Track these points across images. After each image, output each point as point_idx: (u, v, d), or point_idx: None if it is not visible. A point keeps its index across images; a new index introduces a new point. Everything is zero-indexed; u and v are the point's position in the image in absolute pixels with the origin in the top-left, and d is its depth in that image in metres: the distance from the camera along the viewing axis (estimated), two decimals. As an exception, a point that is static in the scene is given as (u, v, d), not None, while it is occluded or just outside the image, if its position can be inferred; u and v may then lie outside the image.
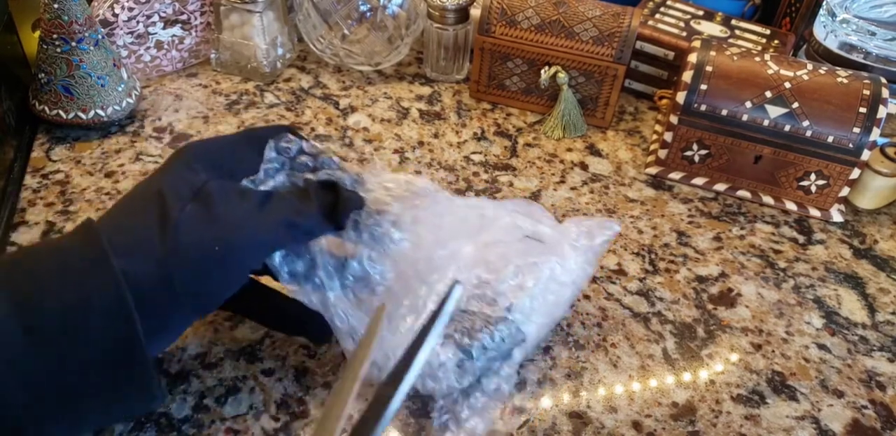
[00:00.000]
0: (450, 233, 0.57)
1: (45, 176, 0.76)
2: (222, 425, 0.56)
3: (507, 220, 0.59)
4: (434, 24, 0.89)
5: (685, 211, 0.79)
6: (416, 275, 0.55)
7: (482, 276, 0.57)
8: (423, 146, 0.84)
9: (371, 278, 0.54)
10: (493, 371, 0.58)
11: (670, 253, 0.74)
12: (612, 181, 0.82)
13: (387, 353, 0.54)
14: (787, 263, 0.74)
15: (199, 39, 0.92)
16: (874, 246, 0.77)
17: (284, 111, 0.87)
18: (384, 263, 0.55)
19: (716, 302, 0.69)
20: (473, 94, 0.92)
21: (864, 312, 0.70)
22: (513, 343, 0.58)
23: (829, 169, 0.77)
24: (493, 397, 0.57)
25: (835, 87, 0.76)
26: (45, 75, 0.76)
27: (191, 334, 0.62)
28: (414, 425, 0.57)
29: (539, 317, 0.59)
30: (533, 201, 0.64)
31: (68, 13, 0.73)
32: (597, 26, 0.83)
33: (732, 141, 0.79)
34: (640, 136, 0.89)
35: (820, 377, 0.63)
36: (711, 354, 0.64)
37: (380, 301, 0.55)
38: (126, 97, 0.81)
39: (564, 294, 0.60)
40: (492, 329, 0.56)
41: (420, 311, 0.54)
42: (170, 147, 0.81)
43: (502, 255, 0.58)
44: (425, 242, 0.56)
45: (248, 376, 0.59)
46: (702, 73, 0.77)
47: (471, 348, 0.56)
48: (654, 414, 0.59)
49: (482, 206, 0.61)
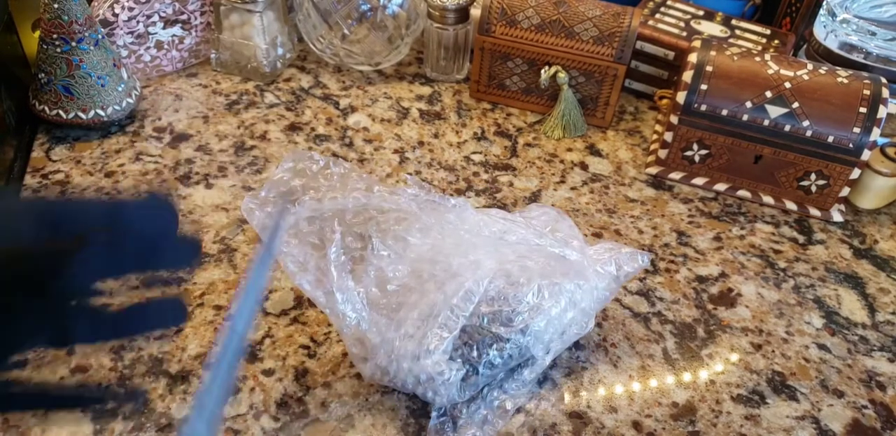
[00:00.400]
0: (472, 244, 0.56)
1: (45, 176, 0.76)
2: (222, 425, 0.56)
3: (536, 242, 0.58)
4: (434, 24, 0.89)
5: (685, 211, 0.79)
6: (431, 278, 0.55)
7: (502, 288, 0.56)
8: (423, 146, 0.84)
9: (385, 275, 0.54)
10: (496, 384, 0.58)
11: (670, 253, 0.74)
12: (612, 181, 0.82)
13: (391, 356, 0.54)
14: (787, 263, 0.74)
15: (199, 39, 0.92)
16: (874, 246, 0.77)
17: (284, 111, 0.87)
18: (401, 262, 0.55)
19: (716, 302, 0.69)
20: (473, 94, 0.92)
21: (864, 312, 0.70)
22: (520, 360, 0.58)
23: (829, 169, 0.77)
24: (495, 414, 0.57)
25: (835, 87, 0.76)
26: (45, 75, 0.76)
27: (191, 334, 0.62)
28: (414, 425, 0.57)
29: (551, 339, 0.59)
30: (563, 214, 0.63)
31: (68, 13, 0.73)
32: (597, 26, 0.83)
33: (732, 141, 0.79)
34: (641, 136, 0.89)
35: (820, 377, 0.63)
36: (711, 354, 0.64)
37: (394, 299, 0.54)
38: (126, 97, 0.81)
39: (580, 319, 0.60)
40: (503, 346, 0.56)
41: (432, 318, 0.53)
42: (170, 147, 0.81)
43: (526, 268, 0.57)
44: (446, 247, 0.55)
45: (248, 376, 0.59)
46: (702, 73, 0.77)
47: (479, 363, 0.56)
48: (654, 414, 0.59)
49: (513, 221, 0.59)
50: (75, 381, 0.58)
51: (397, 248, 0.55)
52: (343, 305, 0.53)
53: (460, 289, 0.53)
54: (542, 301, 0.57)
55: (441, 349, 0.52)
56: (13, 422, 0.55)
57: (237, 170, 0.79)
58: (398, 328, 0.53)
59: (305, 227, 0.54)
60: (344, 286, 0.53)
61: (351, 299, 0.53)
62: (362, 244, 0.55)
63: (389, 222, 0.56)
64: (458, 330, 0.53)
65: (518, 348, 0.57)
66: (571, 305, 0.58)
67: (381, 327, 0.54)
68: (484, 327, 0.56)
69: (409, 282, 0.55)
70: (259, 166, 0.79)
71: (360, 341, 0.55)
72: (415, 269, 0.55)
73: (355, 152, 0.83)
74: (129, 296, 0.40)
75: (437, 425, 0.56)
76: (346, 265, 0.54)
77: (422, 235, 0.55)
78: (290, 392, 0.58)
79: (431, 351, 0.52)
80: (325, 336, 0.63)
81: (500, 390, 0.58)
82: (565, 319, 0.59)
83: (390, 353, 0.53)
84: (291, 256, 0.54)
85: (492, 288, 0.56)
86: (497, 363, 0.56)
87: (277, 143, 0.83)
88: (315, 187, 0.57)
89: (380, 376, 0.56)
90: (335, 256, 0.53)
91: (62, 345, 0.38)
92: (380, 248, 0.55)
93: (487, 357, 0.56)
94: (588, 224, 0.76)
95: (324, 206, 0.54)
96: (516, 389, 0.58)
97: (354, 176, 0.57)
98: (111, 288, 0.38)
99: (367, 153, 0.83)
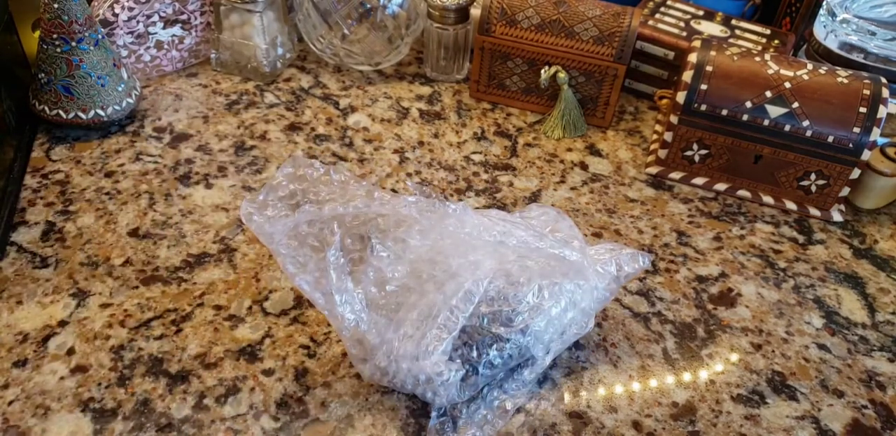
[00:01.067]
0: (472, 244, 0.56)
1: (45, 176, 0.76)
2: (222, 425, 0.56)
3: (536, 245, 0.58)
4: (434, 24, 0.89)
5: (685, 211, 0.79)
6: (430, 278, 0.55)
7: (502, 288, 0.56)
8: (423, 146, 0.84)
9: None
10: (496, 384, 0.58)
11: (670, 253, 0.74)
12: (612, 181, 0.82)
13: (390, 357, 0.54)
14: (787, 263, 0.74)
15: (199, 39, 0.92)
16: (874, 246, 0.77)
17: (284, 111, 0.87)
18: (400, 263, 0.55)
19: (716, 302, 0.69)
20: (473, 93, 0.92)
21: (864, 312, 0.70)
22: (520, 360, 0.58)
23: (829, 169, 0.77)
24: (495, 414, 0.57)
25: (835, 87, 0.76)
26: (45, 75, 0.76)
27: (191, 334, 0.62)
28: (414, 425, 0.57)
29: (551, 339, 0.59)
30: (563, 214, 0.63)
31: (68, 13, 0.73)
32: (597, 26, 0.83)
33: (732, 141, 0.79)
34: (640, 136, 0.89)
35: (820, 377, 0.63)
36: (711, 354, 0.64)
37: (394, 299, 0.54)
38: (126, 97, 0.81)
39: (580, 319, 0.60)
40: (503, 346, 0.56)
41: (431, 318, 0.53)
42: (170, 147, 0.81)
43: (526, 268, 0.57)
44: (445, 248, 0.55)
45: (248, 376, 0.59)
46: (702, 73, 0.77)
47: (478, 364, 0.56)
48: (654, 414, 0.59)
49: (513, 222, 0.59)
50: (75, 381, 0.58)
51: (396, 249, 0.55)
52: (342, 306, 0.53)
53: (460, 289, 0.53)
54: (542, 301, 0.57)
55: (440, 350, 0.52)
56: (13, 422, 0.55)
57: (237, 170, 0.79)
58: (397, 329, 0.53)
59: (305, 228, 0.54)
60: (343, 288, 0.53)
61: (350, 301, 0.53)
62: (362, 245, 0.55)
63: (389, 224, 0.56)
64: (458, 330, 0.53)
65: (518, 348, 0.57)
66: (571, 306, 0.58)
67: (380, 327, 0.54)
68: (484, 327, 0.56)
69: (408, 282, 0.55)
70: (259, 166, 0.79)
71: (360, 341, 0.55)
72: (414, 269, 0.55)
73: (355, 152, 0.83)
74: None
75: (437, 425, 0.56)
76: (345, 267, 0.54)
77: (421, 237, 0.55)
78: (290, 392, 0.58)
79: (430, 352, 0.52)
80: (325, 336, 0.63)
81: (500, 390, 0.58)
82: (565, 320, 0.59)
83: (389, 353, 0.53)
84: (291, 257, 0.54)
85: (492, 288, 0.56)
86: (497, 363, 0.56)
87: (277, 143, 0.83)
88: (315, 192, 0.56)
89: (379, 377, 0.56)
90: (334, 258, 0.53)
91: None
92: (379, 249, 0.55)
93: (487, 357, 0.56)
94: (588, 224, 0.76)
95: (323, 213, 0.54)
96: (516, 389, 0.58)
97: (353, 183, 0.57)
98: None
99: (367, 153, 0.83)
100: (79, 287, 0.65)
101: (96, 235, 0.70)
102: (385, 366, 0.54)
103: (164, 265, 0.68)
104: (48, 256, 0.68)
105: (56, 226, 0.70)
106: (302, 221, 0.54)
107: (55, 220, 0.71)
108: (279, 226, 0.53)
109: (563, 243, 0.59)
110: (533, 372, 0.58)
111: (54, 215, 0.72)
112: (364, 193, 0.56)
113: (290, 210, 0.54)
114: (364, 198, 0.55)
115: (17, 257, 0.67)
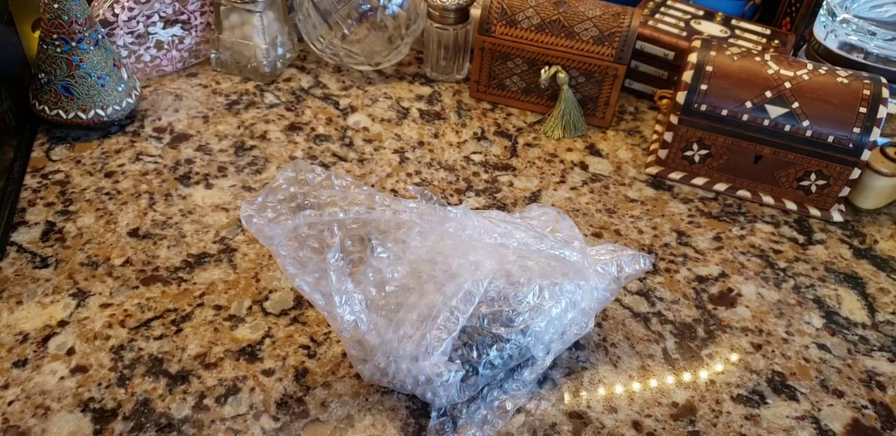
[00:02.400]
0: (472, 245, 0.56)
1: (45, 176, 0.76)
2: (222, 426, 0.56)
3: (537, 247, 0.58)
4: (434, 24, 0.89)
5: (685, 211, 0.79)
6: (430, 279, 0.55)
7: (502, 288, 0.56)
8: (423, 146, 0.84)
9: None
10: (496, 384, 0.58)
11: (670, 253, 0.74)
12: (612, 181, 0.82)
13: (390, 358, 0.54)
14: (787, 263, 0.74)
15: (199, 39, 0.92)
16: (874, 246, 0.77)
17: (284, 111, 0.87)
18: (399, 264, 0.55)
19: (716, 302, 0.69)
20: (473, 94, 0.92)
21: (864, 312, 0.70)
22: (520, 360, 0.58)
23: (829, 169, 0.77)
24: (495, 414, 0.57)
25: (835, 87, 0.76)
26: (45, 75, 0.76)
27: (191, 334, 0.62)
28: (414, 425, 0.57)
29: (552, 339, 0.59)
30: (563, 214, 0.63)
31: (68, 13, 0.73)
32: (597, 26, 0.83)
33: (732, 141, 0.79)
34: (640, 136, 0.89)
35: (820, 377, 0.63)
36: (711, 354, 0.64)
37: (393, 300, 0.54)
38: (126, 97, 0.81)
39: (580, 319, 0.60)
40: (503, 346, 0.56)
41: (431, 319, 0.53)
42: (170, 147, 0.81)
43: (526, 269, 0.57)
44: (445, 248, 0.55)
45: (248, 376, 0.59)
46: (702, 73, 0.77)
47: (479, 364, 0.56)
48: (654, 414, 0.59)
49: (514, 223, 0.59)
50: (75, 381, 0.58)
51: (396, 250, 0.55)
52: (342, 307, 0.53)
53: (459, 290, 0.53)
54: (542, 301, 0.57)
55: (440, 350, 0.52)
56: (13, 422, 0.55)
57: (237, 170, 0.79)
58: (397, 329, 0.53)
59: (305, 230, 0.54)
60: (343, 289, 0.53)
61: (350, 302, 0.53)
62: (362, 247, 0.55)
63: (389, 226, 0.56)
64: (458, 331, 0.53)
65: (518, 348, 0.57)
66: (572, 306, 0.58)
67: (379, 328, 0.54)
68: (484, 328, 0.56)
69: (408, 283, 0.55)
70: (259, 166, 0.79)
71: (359, 342, 0.55)
72: (414, 270, 0.55)
73: (355, 152, 0.83)
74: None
75: (437, 425, 0.56)
76: (345, 269, 0.54)
77: (421, 238, 0.55)
78: (290, 392, 0.58)
79: (430, 352, 0.52)
80: (324, 336, 0.63)
81: (500, 390, 0.58)
82: (565, 320, 0.59)
83: (389, 354, 0.53)
84: (291, 258, 0.54)
85: (492, 288, 0.56)
86: (497, 364, 0.56)
87: (277, 143, 0.83)
88: (315, 196, 0.56)
89: (379, 377, 0.56)
90: (334, 260, 0.53)
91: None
92: (379, 250, 0.55)
93: (487, 358, 0.56)
94: (588, 224, 0.76)
95: (324, 218, 0.54)
96: (516, 389, 0.58)
97: (354, 188, 0.57)
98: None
99: (367, 153, 0.83)
100: (79, 287, 0.65)
101: (96, 235, 0.70)
102: (385, 366, 0.54)
103: (164, 265, 0.68)
104: (48, 257, 0.68)
105: (56, 226, 0.71)
106: (302, 224, 0.54)
107: (55, 220, 0.71)
108: (279, 229, 0.53)
109: (563, 244, 0.59)
110: (533, 372, 0.58)
111: (54, 215, 0.72)
112: (365, 197, 0.56)
113: (289, 212, 0.54)
114: (365, 203, 0.55)
115: (17, 257, 0.67)
